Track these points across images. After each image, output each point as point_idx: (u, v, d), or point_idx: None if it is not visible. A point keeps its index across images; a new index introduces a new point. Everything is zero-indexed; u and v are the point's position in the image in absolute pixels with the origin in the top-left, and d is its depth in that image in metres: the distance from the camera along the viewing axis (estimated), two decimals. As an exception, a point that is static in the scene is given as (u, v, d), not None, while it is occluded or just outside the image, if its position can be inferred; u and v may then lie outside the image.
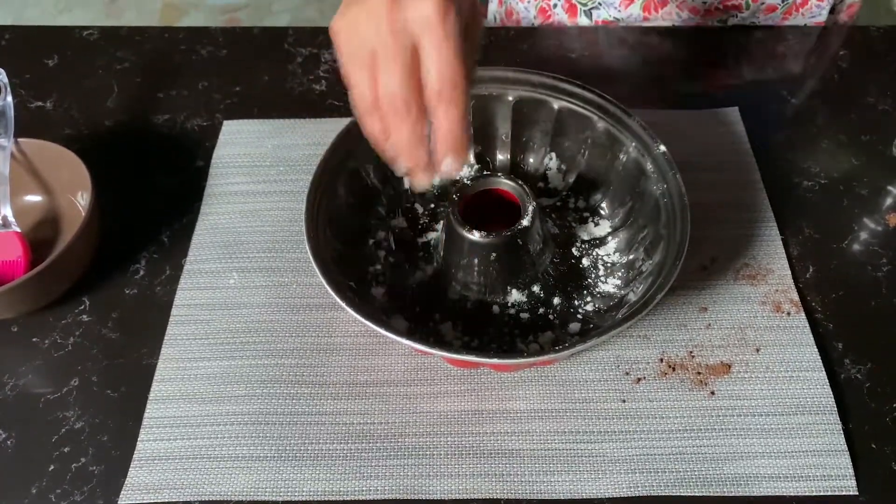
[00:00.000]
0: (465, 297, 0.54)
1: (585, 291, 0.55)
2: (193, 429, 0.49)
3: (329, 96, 0.70)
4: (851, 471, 0.47)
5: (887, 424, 0.49)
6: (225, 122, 0.67)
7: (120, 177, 0.64)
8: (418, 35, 0.38)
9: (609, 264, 0.56)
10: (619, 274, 0.55)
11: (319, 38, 0.76)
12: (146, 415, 0.50)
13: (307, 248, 0.50)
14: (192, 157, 0.66)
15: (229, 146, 0.66)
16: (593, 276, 0.55)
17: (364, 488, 0.47)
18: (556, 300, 0.54)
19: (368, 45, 0.38)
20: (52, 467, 0.48)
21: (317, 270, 0.49)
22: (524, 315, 0.53)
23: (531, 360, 0.45)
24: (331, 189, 0.55)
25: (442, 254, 0.55)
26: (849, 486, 0.47)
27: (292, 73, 0.72)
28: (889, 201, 0.61)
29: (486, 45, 0.75)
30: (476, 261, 0.52)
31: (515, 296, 0.54)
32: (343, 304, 0.47)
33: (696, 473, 0.47)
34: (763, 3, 0.76)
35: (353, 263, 0.54)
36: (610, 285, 0.54)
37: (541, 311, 0.53)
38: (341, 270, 0.52)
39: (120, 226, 0.60)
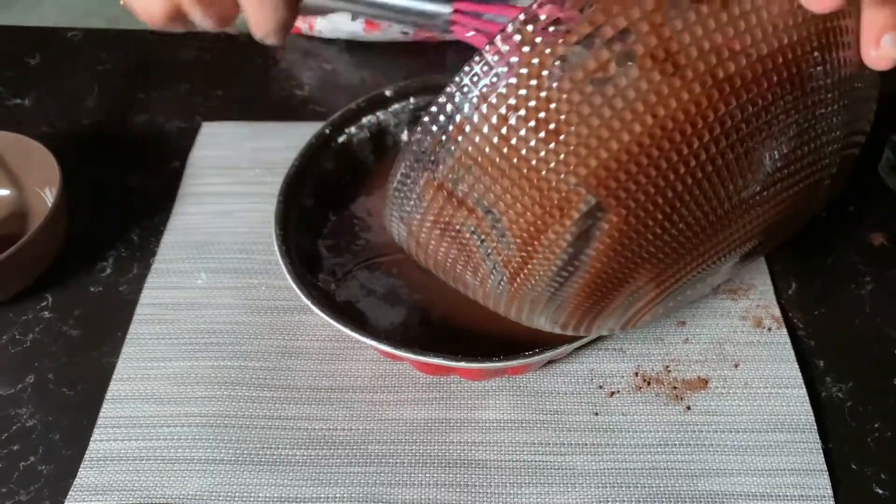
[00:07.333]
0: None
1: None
2: (150, 429, 0.48)
3: (311, 102, 0.69)
4: (830, 491, 0.45)
5: (868, 445, 0.48)
6: (204, 124, 0.67)
7: (93, 175, 0.63)
8: None
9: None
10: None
11: (306, 45, 0.75)
12: (101, 414, 0.48)
13: (275, 248, 0.49)
14: (168, 157, 0.65)
15: (207, 147, 0.65)
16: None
17: (323, 495, 0.45)
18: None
19: None
20: (-2, 465, 0.46)
21: (284, 271, 0.47)
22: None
23: (500, 364, 0.43)
24: (303, 190, 0.54)
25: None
26: (827, 507, 0.45)
27: (275, 77, 0.72)
28: (874, 220, 0.60)
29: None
30: (449, 266, 0.51)
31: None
32: (309, 304, 0.46)
33: (669, 489, 0.45)
34: None
35: (323, 265, 0.53)
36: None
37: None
38: (311, 272, 0.51)
39: (89, 224, 0.59)
